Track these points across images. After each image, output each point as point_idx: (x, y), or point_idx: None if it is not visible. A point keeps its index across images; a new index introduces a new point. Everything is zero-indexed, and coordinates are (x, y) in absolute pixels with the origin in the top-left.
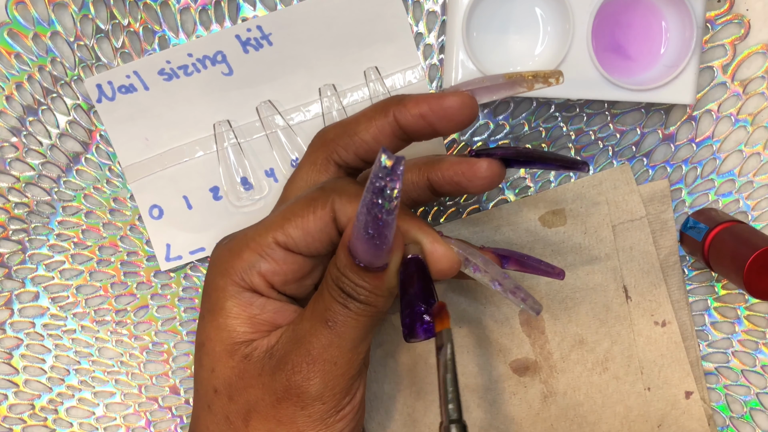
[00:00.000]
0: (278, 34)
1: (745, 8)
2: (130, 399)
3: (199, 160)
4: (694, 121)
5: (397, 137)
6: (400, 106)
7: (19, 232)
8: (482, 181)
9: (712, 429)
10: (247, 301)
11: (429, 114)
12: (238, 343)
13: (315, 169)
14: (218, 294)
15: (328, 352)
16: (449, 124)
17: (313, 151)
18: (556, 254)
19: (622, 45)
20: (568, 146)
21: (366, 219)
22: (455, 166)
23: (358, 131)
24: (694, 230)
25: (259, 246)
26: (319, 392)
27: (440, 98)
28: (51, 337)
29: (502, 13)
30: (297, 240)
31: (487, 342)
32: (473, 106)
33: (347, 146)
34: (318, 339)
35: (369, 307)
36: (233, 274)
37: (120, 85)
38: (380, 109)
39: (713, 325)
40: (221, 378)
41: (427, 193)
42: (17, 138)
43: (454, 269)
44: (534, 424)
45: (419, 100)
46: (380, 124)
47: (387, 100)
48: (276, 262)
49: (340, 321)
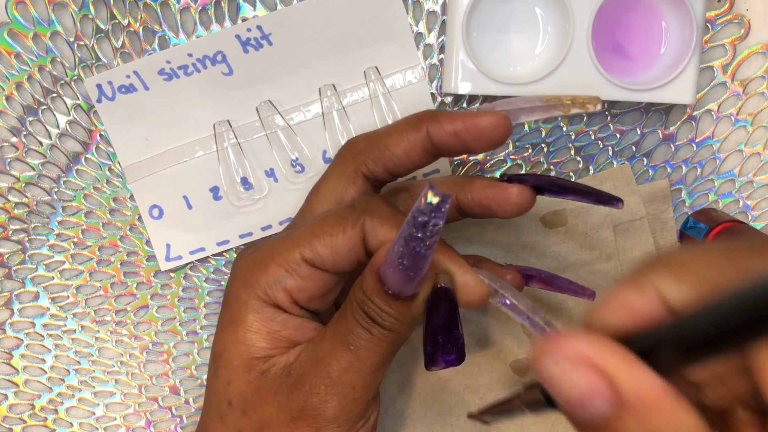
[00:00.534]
0: (278, 34)
1: (745, 8)
2: (130, 399)
3: (199, 160)
4: (694, 121)
5: (427, 153)
6: (435, 123)
7: (19, 232)
8: (512, 207)
9: None
10: (269, 317)
11: (463, 132)
12: (256, 358)
13: (343, 181)
14: (240, 306)
15: (348, 376)
16: (482, 143)
17: (341, 161)
18: (556, 254)
19: (622, 45)
20: (568, 146)
21: (402, 251)
22: (486, 189)
23: (389, 145)
24: (694, 230)
25: (286, 261)
26: (335, 415)
27: (476, 117)
28: (51, 337)
29: (502, 13)
30: (324, 258)
31: (488, 342)
32: (507, 126)
33: (377, 159)
34: (338, 362)
35: (392, 334)
36: (257, 287)
37: (120, 85)
38: (413, 124)
39: None
40: (236, 392)
41: (454, 213)
42: (17, 138)
43: (484, 301)
44: (534, 424)
45: (454, 117)
46: (412, 139)
47: (420, 115)
48: (302, 278)
49: (362, 345)
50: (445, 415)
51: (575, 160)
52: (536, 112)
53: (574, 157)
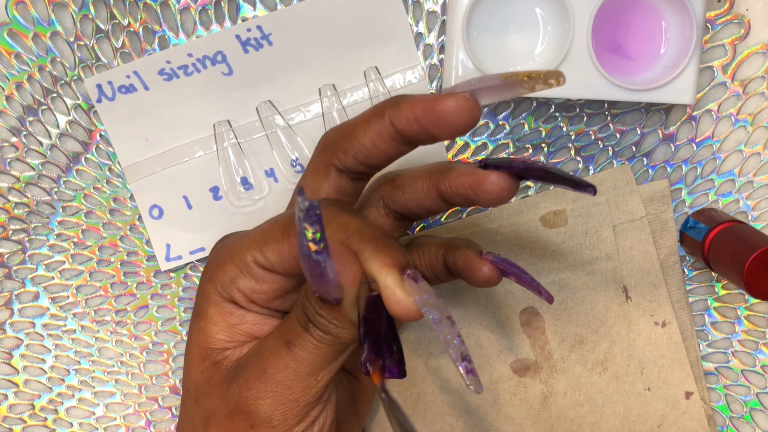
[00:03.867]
0: (278, 34)
1: (745, 8)
2: (130, 399)
3: (199, 160)
4: (694, 121)
5: (396, 141)
6: (395, 109)
7: (19, 232)
8: (490, 196)
9: (712, 429)
10: (227, 311)
11: (422, 118)
12: (212, 348)
13: (317, 175)
14: (203, 299)
15: (283, 374)
16: (445, 129)
17: (315, 156)
18: (556, 254)
19: (622, 45)
20: (568, 146)
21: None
22: (462, 177)
23: (356, 135)
24: (694, 230)
25: (240, 261)
26: (269, 414)
27: (433, 101)
28: (51, 337)
29: (502, 13)
30: (274, 263)
31: (488, 342)
32: (471, 109)
33: (346, 150)
34: (276, 358)
35: (330, 337)
36: (217, 283)
37: (120, 85)
38: (377, 112)
39: (713, 325)
40: (192, 380)
41: (439, 202)
42: (17, 138)
43: (410, 319)
44: (534, 424)
45: (414, 102)
46: (377, 127)
47: (385, 101)
48: (255, 280)
49: (299, 344)
50: (445, 415)
51: (575, 160)
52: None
53: (574, 157)
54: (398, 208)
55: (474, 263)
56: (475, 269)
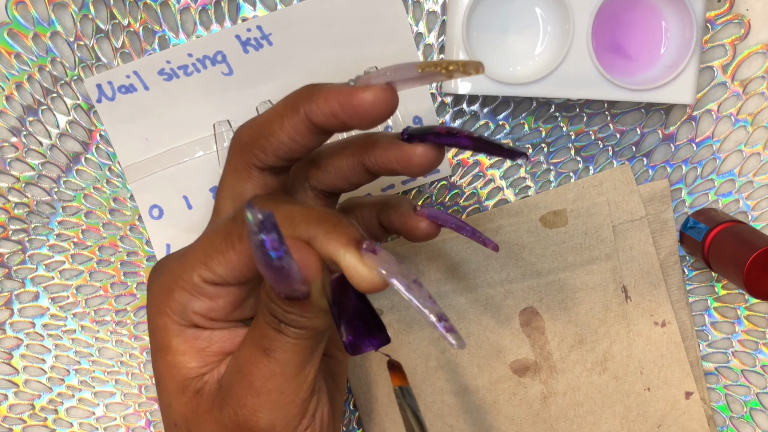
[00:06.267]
0: (278, 34)
1: (745, 8)
2: (130, 399)
3: (199, 160)
4: (694, 121)
5: (314, 133)
6: (311, 103)
7: (19, 232)
8: (417, 168)
9: (712, 429)
10: (192, 337)
11: (340, 112)
12: (189, 378)
13: (238, 177)
14: (161, 333)
15: (272, 382)
16: (363, 121)
17: (231, 157)
18: (556, 254)
19: (622, 45)
20: (568, 146)
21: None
22: (388, 153)
23: (272, 132)
24: (694, 230)
25: (187, 285)
26: (270, 424)
27: (351, 95)
28: (51, 337)
29: (502, 13)
30: (224, 275)
31: (487, 343)
32: (388, 100)
33: (264, 149)
34: (259, 369)
35: (305, 330)
36: (170, 313)
37: (120, 85)
38: (290, 107)
39: (713, 325)
40: (178, 414)
41: (366, 175)
42: (17, 138)
43: (377, 289)
44: (534, 424)
45: (329, 96)
46: (293, 123)
47: (297, 94)
48: (209, 298)
49: (278, 348)
50: (444, 415)
51: (575, 160)
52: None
53: (574, 157)
54: (325, 187)
55: (411, 221)
56: (412, 227)
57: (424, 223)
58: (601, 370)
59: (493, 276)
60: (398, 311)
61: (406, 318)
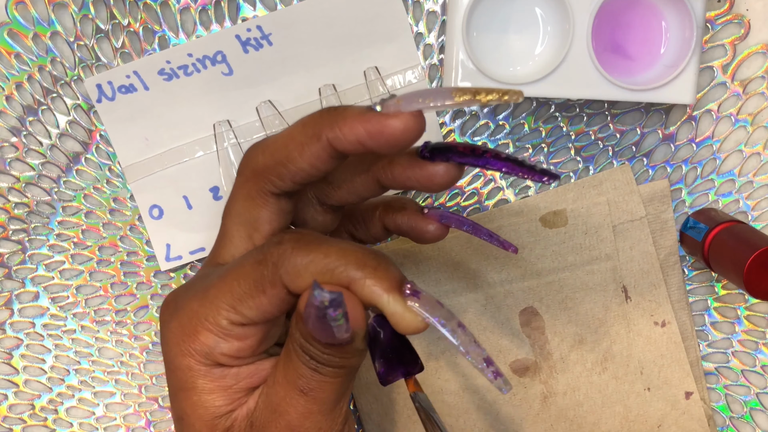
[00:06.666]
0: (278, 34)
1: (745, 8)
2: (130, 399)
3: (199, 160)
4: (694, 121)
5: (336, 158)
6: (334, 130)
7: (19, 232)
8: (438, 187)
9: (712, 429)
10: (219, 376)
11: (367, 141)
12: (218, 416)
13: (253, 204)
14: (185, 373)
15: (309, 420)
16: (391, 149)
17: (244, 182)
18: (556, 254)
19: (622, 45)
20: (568, 146)
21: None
22: (408, 171)
23: (291, 159)
24: (694, 230)
25: (215, 327)
26: None
27: (380, 123)
28: (51, 337)
29: (502, 13)
30: (253, 317)
31: (488, 343)
32: (418, 128)
33: (282, 176)
34: (295, 409)
35: (342, 369)
36: (194, 354)
37: (120, 85)
38: (311, 134)
39: (713, 325)
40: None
41: (379, 191)
42: (17, 138)
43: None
44: (534, 424)
45: (354, 122)
46: (315, 150)
47: (317, 120)
48: (236, 338)
49: (315, 387)
50: (444, 415)
51: (575, 160)
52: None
53: (574, 157)
54: (335, 202)
55: (420, 223)
56: (422, 230)
57: (432, 226)
58: (601, 370)
59: (493, 276)
60: None
61: None
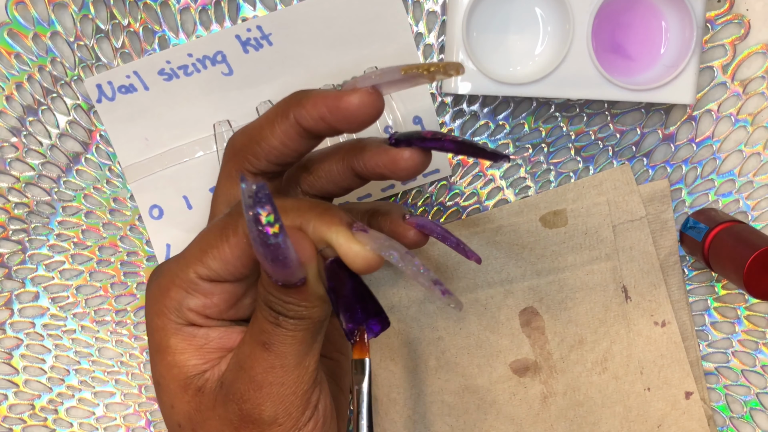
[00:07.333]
0: (278, 34)
1: (745, 8)
2: (130, 399)
3: (199, 160)
4: (694, 121)
5: (304, 138)
6: (300, 108)
7: (19, 232)
8: (404, 172)
9: (712, 429)
10: (189, 334)
11: (327, 116)
12: (190, 376)
13: (233, 183)
14: (160, 334)
15: (272, 375)
16: (351, 124)
17: (225, 163)
18: (556, 254)
19: (622, 45)
20: (568, 146)
21: (258, 248)
22: (376, 157)
23: (263, 137)
24: (694, 230)
25: (183, 282)
26: (273, 416)
27: (338, 99)
28: (51, 337)
29: (502, 13)
30: (219, 270)
31: (487, 343)
32: (374, 103)
33: (257, 154)
34: (259, 363)
35: (303, 321)
36: (167, 312)
37: (120, 85)
38: (281, 112)
39: (713, 325)
40: (181, 413)
41: (356, 180)
42: (17, 138)
43: (372, 268)
44: (534, 424)
45: (317, 100)
46: (284, 128)
47: (287, 100)
48: (204, 295)
49: (277, 341)
50: (444, 415)
51: (575, 160)
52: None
53: (574, 157)
54: (317, 192)
55: (399, 228)
56: (401, 235)
57: (411, 231)
58: (601, 370)
59: (493, 276)
60: (398, 311)
61: (406, 318)
